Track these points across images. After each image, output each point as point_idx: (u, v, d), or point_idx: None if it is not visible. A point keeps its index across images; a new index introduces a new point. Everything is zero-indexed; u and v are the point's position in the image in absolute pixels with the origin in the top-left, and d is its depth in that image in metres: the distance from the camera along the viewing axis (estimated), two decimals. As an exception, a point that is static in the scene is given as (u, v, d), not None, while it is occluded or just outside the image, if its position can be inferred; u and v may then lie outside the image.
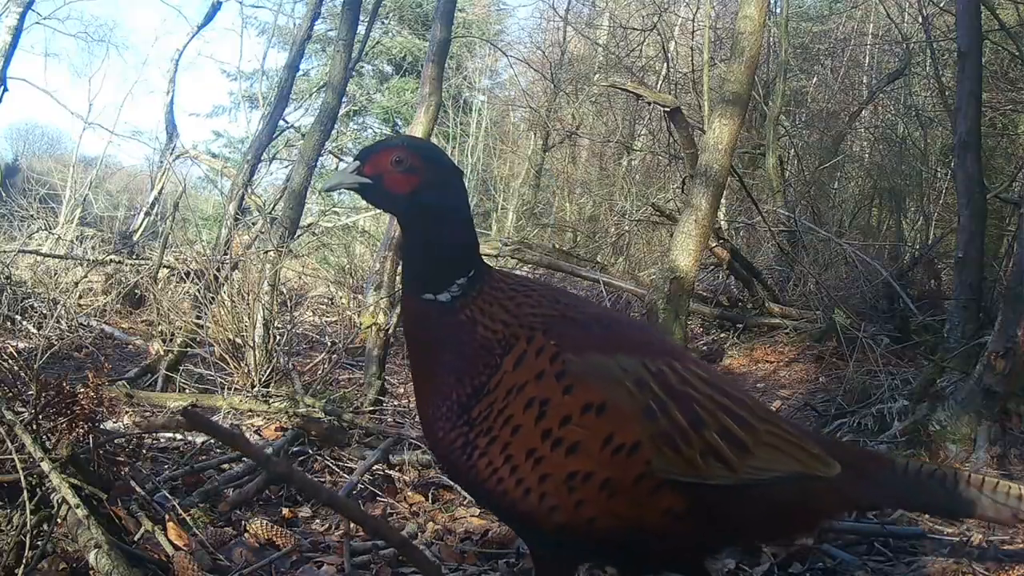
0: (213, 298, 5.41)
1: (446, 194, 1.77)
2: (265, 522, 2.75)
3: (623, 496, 1.63)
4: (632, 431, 1.63)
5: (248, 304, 5.16)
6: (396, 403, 5.07)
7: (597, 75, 17.14)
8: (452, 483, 3.33)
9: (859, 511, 2.09)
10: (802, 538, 2.44)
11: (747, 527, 1.78)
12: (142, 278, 8.03)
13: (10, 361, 2.94)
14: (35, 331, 6.54)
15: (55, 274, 8.52)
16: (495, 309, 1.73)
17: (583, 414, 1.62)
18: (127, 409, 4.12)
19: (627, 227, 11.69)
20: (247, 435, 4.05)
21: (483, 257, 1.84)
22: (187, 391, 5.04)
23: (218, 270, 5.60)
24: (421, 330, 1.77)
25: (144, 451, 3.29)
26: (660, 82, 14.46)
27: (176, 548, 2.37)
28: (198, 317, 5.53)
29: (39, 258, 8.93)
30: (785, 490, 1.73)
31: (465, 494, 3.24)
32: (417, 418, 3.80)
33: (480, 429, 1.67)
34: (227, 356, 5.03)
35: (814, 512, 1.83)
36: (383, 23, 21.22)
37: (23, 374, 2.73)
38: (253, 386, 4.88)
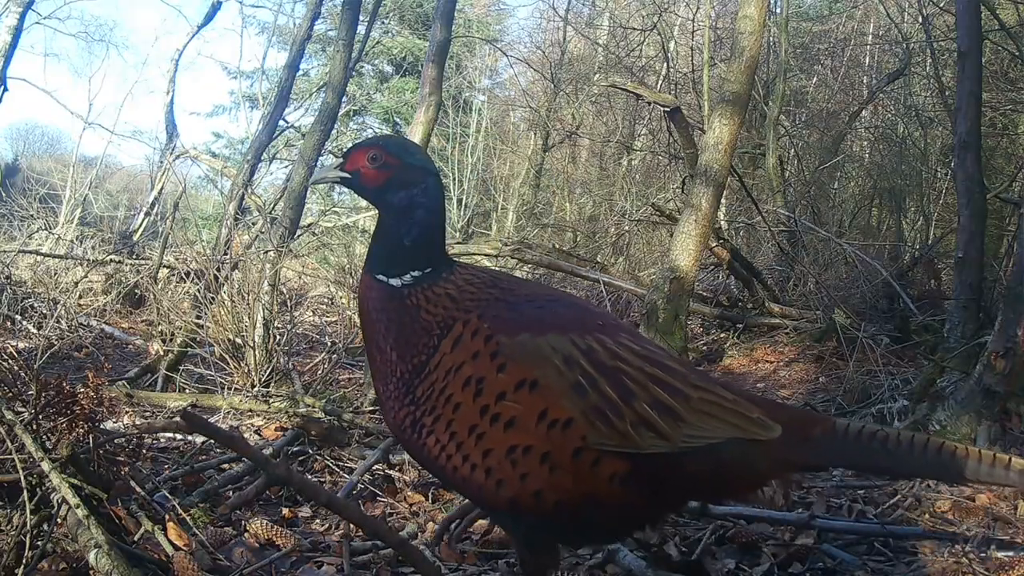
0: (213, 298, 5.41)
1: (415, 192, 1.89)
2: (265, 522, 2.74)
3: (565, 470, 1.70)
4: (564, 407, 1.70)
5: (248, 304, 5.16)
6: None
7: (597, 75, 17.15)
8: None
9: (802, 471, 2.17)
10: (749, 497, 2.52)
11: (693, 490, 1.89)
12: (142, 278, 8.03)
13: (10, 361, 2.94)
14: (35, 331, 6.54)
15: (55, 274, 8.53)
16: (440, 297, 1.84)
17: (517, 390, 1.71)
18: (127, 409, 4.12)
19: (627, 227, 11.69)
20: (247, 435, 4.05)
21: (483, 257, 1.90)
22: (187, 391, 5.04)
23: (218, 270, 5.59)
24: (372, 307, 1.88)
25: (144, 451, 3.28)
26: (660, 82, 14.46)
27: (176, 548, 2.36)
28: (198, 317, 5.52)
29: (39, 258, 8.93)
30: (726, 454, 1.78)
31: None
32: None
33: (425, 408, 1.78)
34: (227, 356, 5.03)
35: (757, 473, 1.87)
36: (383, 23, 21.22)
37: (23, 374, 2.73)
38: (253, 386, 4.87)
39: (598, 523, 1.80)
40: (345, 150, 2.00)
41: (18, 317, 6.92)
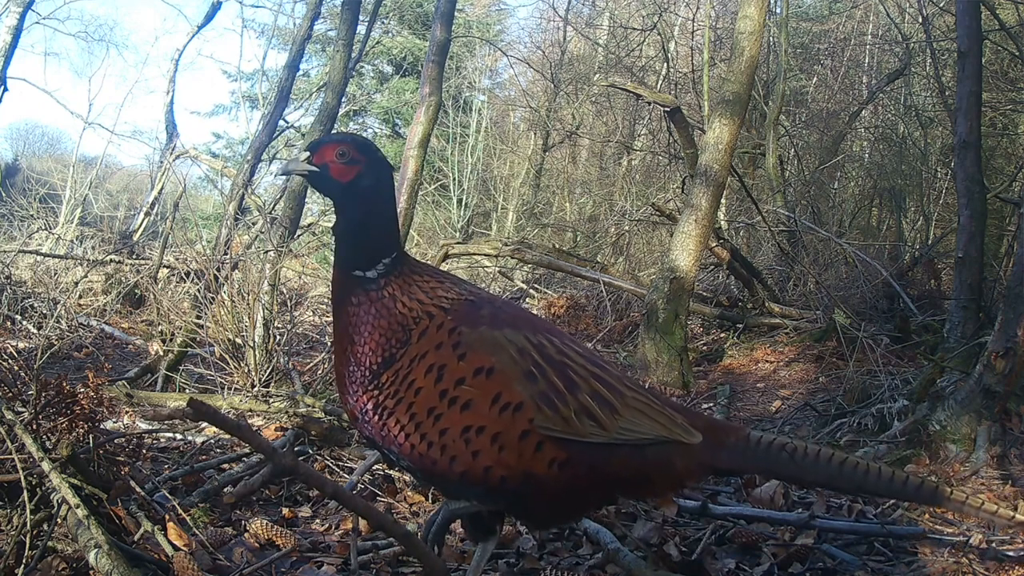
0: (213, 298, 5.40)
1: (379, 185, 2.06)
2: (265, 522, 2.74)
3: (512, 450, 1.88)
4: (516, 392, 1.89)
5: (248, 304, 5.15)
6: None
7: (597, 75, 17.13)
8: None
9: (717, 475, 2.43)
10: (668, 497, 2.70)
11: (621, 483, 2.03)
12: (142, 278, 8.02)
13: (10, 361, 2.94)
14: (35, 331, 6.54)
15: (55, 274, 8.53)
16: (413, 289, 2.01)
17: (474, 376, 1.89)
18: (127, 409, 4.12)
19: (627, 227, 11.68)
20: (247, 435, 4.04)
21: (483, 256, 1.94)
22: (187, 391, 5.04)
23: (218, 270, 5.58)
24: (348, 301, 2.03)
25: (144, 451, 3.29)
26: (660, 82, 14.46)
27: (176, 548, 2.36)
28: (198, 317, 5.52)
29: (39, 258, 8.93)
30: (652, 452, 1.99)
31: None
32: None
33: (388, 392, 1.94)
34: (227, 356, 5.03)
35: (678, 473, 2.04)
36: (383, 23, 21.20)
37: (23, 374, 2.73)
38: (253, 386, 4.87)
39: (537, 503, 1.98)
40: (308, 145, 2.12)
41: (18, 317, 6.93)
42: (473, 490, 1.96)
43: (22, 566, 2.13)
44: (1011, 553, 2.58)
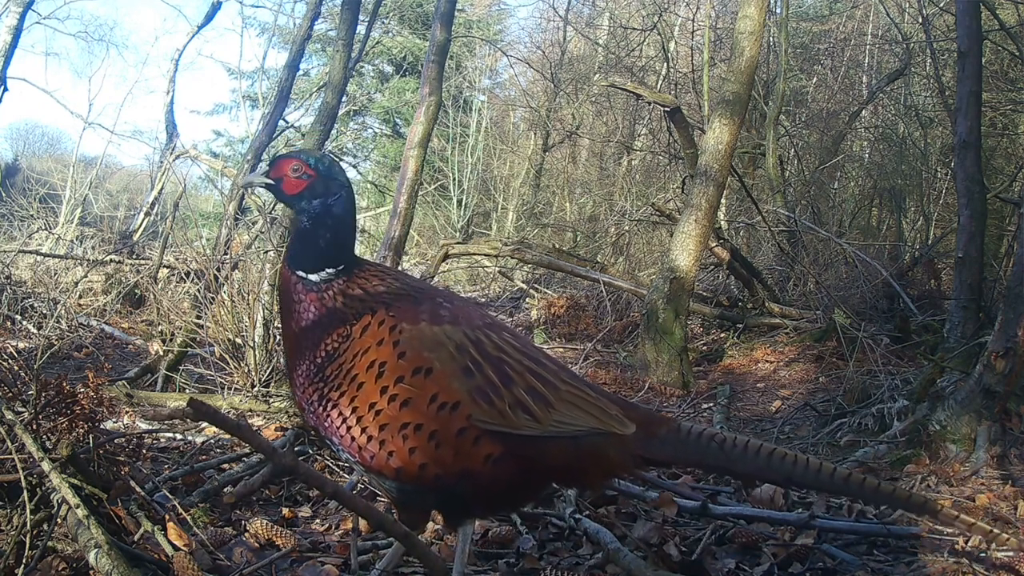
0: (213, 298, 5.40)
1: (329, 201, 2.14)
2: (265, 522, 2.74)
3: (448, 446, 1.94)
4: (453, 390, 1.95)
5: (248, 304, 5.15)
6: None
7: (597, 75, 17.13)
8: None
9: (649, 466, 2.48)
10: (602, 486, 2.74)
11: (556, 473, 2.11)
12: (142, 278, 8.03)
13: (10, 361, 2.94)
14: (35, 331, 6.55)
15: (55, 274, 8.53)
16: (355, 292, 2.08)
17: (413, 375, 1.95)
18: (127, 409, 4.12)
19: (627, 227, 11.68)
20: (247, 435, 4.04)
21: (483, 256, 1.95)
22: (187, 391, 5.04)
23: (218, 270, 5.58)
24: (290, 299, 2.13)
25: (144, 451, 3.28)
26: (660, 82, 14.46)
27: (176, 548, 2.36)
28: (198, 317, 5.52)
29: (39, 258, 8.93)
30: (587, 443, 2.06)
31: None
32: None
33: (332, 385, 2.01)
34: (227, 356, 5.02)
35: (611, 463, 2.11)
36: (383, 23, 21.20)
37: (23, 374, 2.73)
38: (253, 386, 4.87)
39: (472, 496, 2.03)
40: (270, 159, 2.25)
41: (18, 317, 6.93)
42: (407, 486, 2.02)
43: (22, 566, 2.13)
44: (1011, 553, 2.58)
